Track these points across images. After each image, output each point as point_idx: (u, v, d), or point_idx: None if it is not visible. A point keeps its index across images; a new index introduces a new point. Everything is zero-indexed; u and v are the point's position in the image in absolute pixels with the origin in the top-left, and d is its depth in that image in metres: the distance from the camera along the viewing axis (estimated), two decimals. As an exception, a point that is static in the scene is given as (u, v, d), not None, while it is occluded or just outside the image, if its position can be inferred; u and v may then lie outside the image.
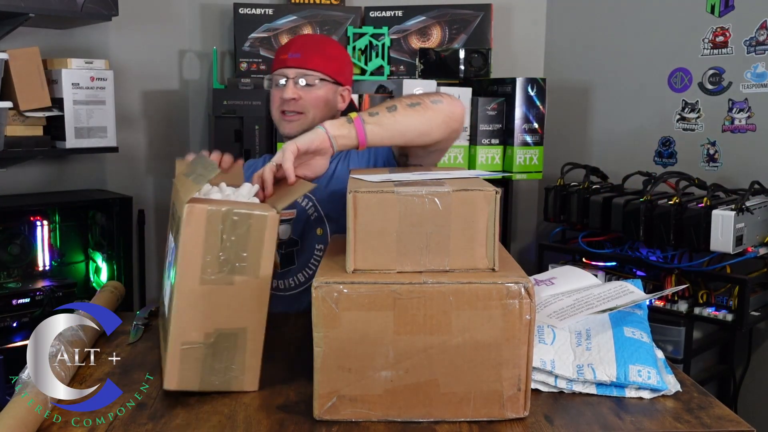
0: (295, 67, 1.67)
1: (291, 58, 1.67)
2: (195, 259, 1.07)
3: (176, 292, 1.08)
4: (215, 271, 1.08)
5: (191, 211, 1.07)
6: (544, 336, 1.16)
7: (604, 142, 3.02)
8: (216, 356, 1.10)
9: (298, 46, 1.70)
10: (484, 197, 1.03)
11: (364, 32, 2.95)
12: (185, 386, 1.10)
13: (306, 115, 1.67)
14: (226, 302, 1.09)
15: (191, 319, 1.09)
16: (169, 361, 1.09)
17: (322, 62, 1.68)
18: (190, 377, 1.10)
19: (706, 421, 1.04)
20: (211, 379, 1.11)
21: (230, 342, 1.11)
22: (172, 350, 1.09)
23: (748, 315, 2.29)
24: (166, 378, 1.09)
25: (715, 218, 2.24)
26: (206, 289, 1.08)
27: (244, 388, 1.13)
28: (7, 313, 2.32)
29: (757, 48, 2.53)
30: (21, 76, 2.29)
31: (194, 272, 1.08)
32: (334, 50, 1.74)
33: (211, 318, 1.09)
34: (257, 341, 1.12)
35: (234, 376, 1.12)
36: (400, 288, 1.01)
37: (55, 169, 2.72)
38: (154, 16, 2.91)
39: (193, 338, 1.09)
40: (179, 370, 1.09)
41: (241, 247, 1.09)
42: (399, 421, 1.03)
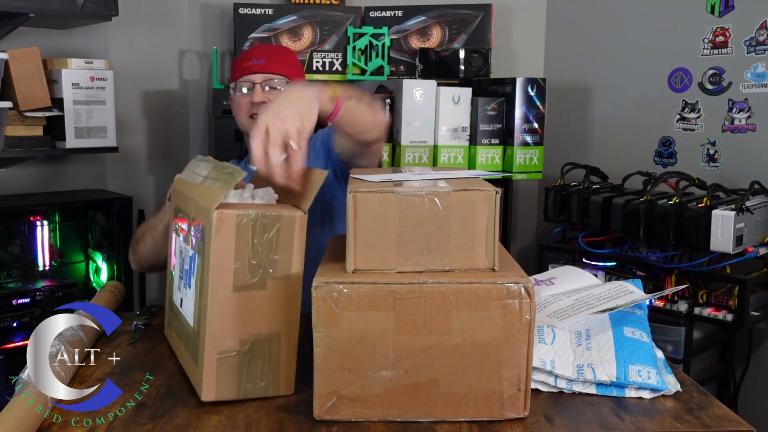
0: (261, 72, 1.74)
1: (256, 64, 1.75)
2: (227, 266, 1.06)
3: (210, 301, 1.06)
4: (247, 276, 1.07)
5: (221, 219, 1.05)
6: (544, 336, 1.16)
7: (604, 142, 3.02)
8: (252, 363, 1.09)
9: (260, 54, 1.78)
10: (484, 197, 1.03)
11: (364, 32, 2.95)
12: (223, 396, 1.08)
13: None
14: (258, 307, 1.08)
15: (226, 328, 1.07)
16: (206, 373, 1.07)
17: (285, 67, 1.77)
18: (228, 387, 1.09)
19: (706, 421, 1.04)
20: (248, 386, 1.10)
21: (265, 347, 1.10)
22: (208, 361, 1.07)
23: (748, 315, 2.29)
24: (204, 390, 1.08)
25: (715, 218, 2.24)
26: (239, 296, 1.07)
27: (281, 392, 1.12)
28: (7, 313, 2.32)
29: (757, 48, 2.53)
30: (21, 76, 2.29)
31: (227, 280, 1.06)
32: (291, 57, 1.84)
33: (245, 324, 1.08)
34: (291, 344, 1.12)
35: (270, 382, 1.11)
36: (400, 288, 1.01)
37: (55, 169, 2.72)
38: (154, 16, 2.91)
39: (229, 347, 1.07)
40: (216, 380, 1.08)
41: (272, 251, 1.08)
42: (399, 421, 1.03)
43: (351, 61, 2.95)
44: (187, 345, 1.18)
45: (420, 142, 2.70)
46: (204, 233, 1.09)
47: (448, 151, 2.73)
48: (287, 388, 1.12)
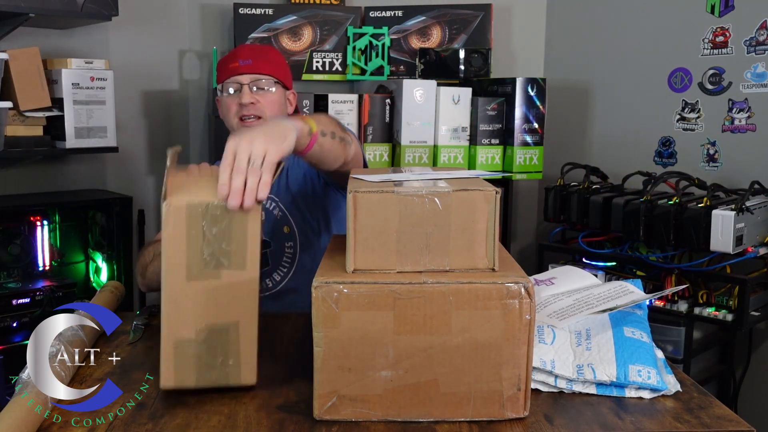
0: (248, 73, 1.72)
1: (243, 65, 1.72)
2: (179, 255, 1.07)
3: (164, 290, 1.08)
4: (201, 266, 1.08)
5: (170, 209, 1.07)
6: (544, 336, 1.16)
7: (604, 142, 3.02)
8: (210, 352, 1.10)
9: (246, 54, 1.75)
10: (484, 197, 1.03)
11: (364, 32, 2.95)
12: (182, 384, 1.10)
13: (264, 119, 1.71)
14: (214, 297, 1.09)
15: (182, 316, 1.08)
16: (164, 360, 1.09)
17: (272, 67, 1.75)
18: (186, 375, 1.10)
19: (706, 421, 1.04)
20: (208, 375, 1.10)
21: (223, 337, 1.10)
22: (165, 349, 1.08)
23: (748, 315, 2.29)
24: (162, 377, 1.09)
25: (715, 218, 2.24)
26: (194, 285, 1.08)
27: (242, 383, 1.12)
28: (7, 313, 2.32)
29: (757, 48, 2.53)
30: (21, 76, 2.29)
31: (180, 269, 1.07)
32: (278, 57, 1.82)
33: (201, 314, 1.09)
34: (251, 334, 1.11)
35: (231, 371, 1.11)
36: (400, 288, 1.01)
37: (55, 169, 2.72)
38: (154, 16, 2.91)
39: (185, 335, 1.08)
40: (174, 367, 1.09)
41: (224, 241, 1.09)
42: (399, 421, 1.03)
43: (351, 61, 2.95)
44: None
45: (420, 142, 2.70)
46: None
47: (448, 151, 2.73)
48: (249, 378, 1.12)
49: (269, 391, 1.14)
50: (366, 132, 2.69)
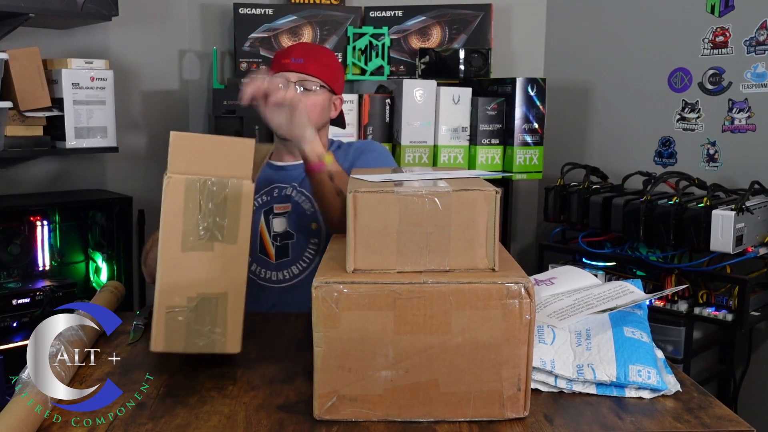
0: (297, 72, 1.73)
1: (294, 62, 1.73)
2: (176, 226, 1.14)
3: (160, 259, 1.15)
4: (195, 238, 1.15)
5: (170, 182, 1.14)
6: (544, 336, 1.16)
7: (604, 142, 3.02)
8: (199, 319, 1.16)
9: (299, 52, 1.76)
10: (484, 197, 1.03)
11: (364, 32, 2.95)
12: (171, 348, 1.16)
13: None
14: (206, 267, 1.16)
15: (175, 284, 1.15)
16: (155, 325, 1.15)
17: (322, 70, 1.75)
18: (176, 340, 1.16)
19: (706, 421, 1.04)
20: (196, 341, 1.16)
21: (212, 305, 1.16)
22: (157, 314, 1.15)
23: (748, 315, 2.29)
24: (153, 341, 1.16)
25: (715, 218, 2.24)
26: (188, 256, 1.15)
27: (227, 350, 1.18)
28: (7, 313, 2.31)
29: (757, 48, 2.53)
30: (21, 76, 2.29)
31: (176, 239, 1.14)
32: (331, 60, 1.82)
33: (193, 283, 1.15)
34: (238, 305, 1.18)
35: (217, 339, 1.17)
36: (400, 288, 1.01)
37: (55, 169, 2.72)
38: (154, 16, 2.91)
39: (177, 302, 1.15)
40: (165, 333, 1.15)
41: (219, 215, 1.16)
42: (399, 420, 1.03)
43: (351, 61, 2.95)
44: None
45: (420, 142, 2.70)
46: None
47: (448, 151, 2.73)
48: (234, 346, 1.18)
49: (269, 391, 1.14)
50: (366, 132, 2.69)
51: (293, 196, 1.76)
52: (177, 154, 1.17)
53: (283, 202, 1.75)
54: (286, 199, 1.76)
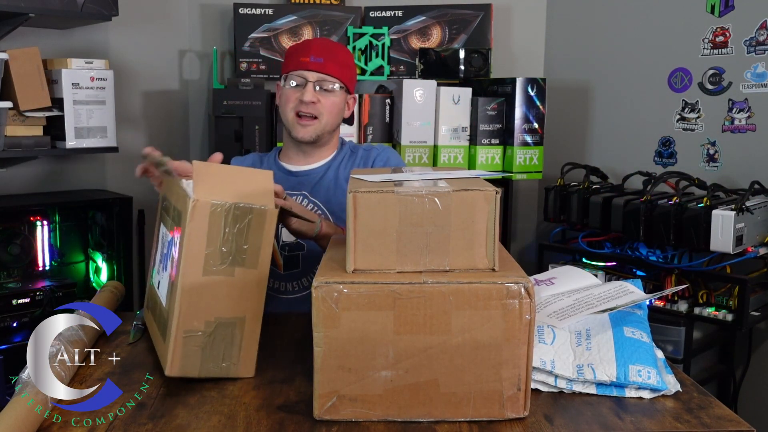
0: (316, 71, 1.69)
1: (313, 61, 1.69)
2: (199, 251, 1.13)
3: (180, 283, 1.13)
4: (217, 262, 1.14)
5: (195, 206, 1.12)
6: (544, 336, 1.16)
7: (604, 142, 3.02)
8: (215, 344, 1.16)
9: (319, 51, 1.71)
10: (484, 197, 1.03)
11: (364, 32, 2.95)
12: (186, 373, 1.15)
13: (320, 120, 1.70)
14: (226, 292, 1.15)
15: (194, 309, 1.14)
16: (172, 349, 1.13)
17: (341, 70, 1.72)
18: (191, 364, 1.15)
19: (706, 421, 1.04)
20: (210, 366, 1.16)
21: (228, 330, 1.16)
22: (174, 338, 1.13)
23: (748, 315, 2.29)
24: (168, 365, 1.14)
25: (715, 218, 2.24)
26: (208, 280, 1.14)
27: (241, 375, 1.18)
28: (7, 313, 2.31)
29: (757, 48, 2.53)
30: (21, 76, 2.29)
31: (197, 264, 1.13)
32: (349, 59, 1.79)
33: (212, 307, 1.15)
34: (254, 330, 1.18)
35: (232, 363, 1.17)
36: (400, 288, 1.01)
37: (55, 169, 2.72)
38: (154, 16, 2.91)
39: (195, 327, 1.14)
40: (181, 357, 1.14)
41: (242, 240, 1.15)
42: (399, 421, 1.03)
43: (351, 61, 2.95)
44: (159, 323, 1.25)
45: (420, 142, 2.70)
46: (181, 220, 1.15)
47: (448, 151, 2.73)
48: (248, 371, 1.19)
49: (269, 391, 1.14)
50: (366, 132, 2.69)
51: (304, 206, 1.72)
52: (201, 182, 1.15)
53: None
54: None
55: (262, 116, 2.67)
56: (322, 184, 1.74)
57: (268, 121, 2.69)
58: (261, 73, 2.91)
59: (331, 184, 1.73)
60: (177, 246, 1.17)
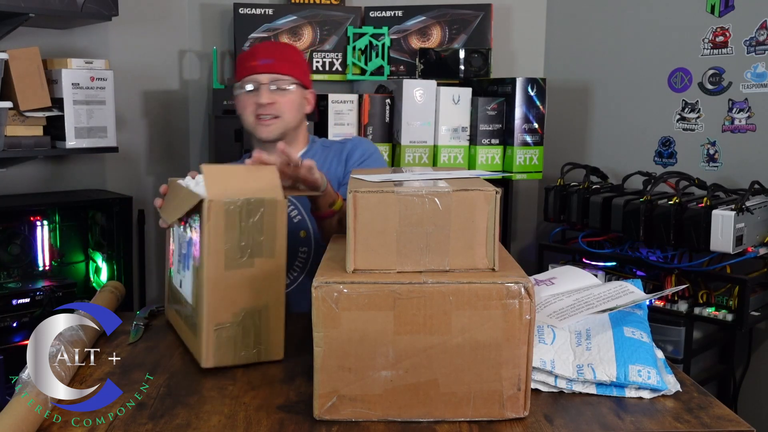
0: (267, 72, 1.71)
1: (263, 64, 1.71)
2: (219, 248, 1.20)
3: (205, 280, 1.20)
4: (237, 256, 1.21)
5: (211, 206, 1.18)
6: (544, 336, 1.16)
7: (604, 142, 3.02)
8: (245, 333, 1.23)
9: (267, 53, 1.74)
10: (484, 197, 1.03)
11: (364, 32, 2.95)
12: (221, 363, 1.22)
13: (282, 118, 1.72)
14: (249, 283, 1.22)
15: (220, 303, 1.21)
16: (205, 344, 1.21)
17: (292, 67, 1.74)
18: (225, 354, 1.22)
19: (706, 421, 1.04)
20: (242, 353, 1.23)
21: (255, 318, 1.23)
22: (206, 333, 1.20)
23: (748, 315, 2.29)
24: (203, 358, 1.21)
25: (715, 218, 2.24)
26: (231, 274, 1.21)
27: (272, 358, 1.25)
28: (7, 313, 2.31)
29: (757, 48, 2.53)
30: (21, 76, 2.29)
31: (219, 260, 1.20)
32: (298, 56, 1.81)
33: (237, 299, 1.22)
34: (279, 315, 1.25)
35: (263, 348, 1.24)
36: (400, 288, 1.01)
37: (55, 169, 2.71)
38: (154, 16, 2.91)
39: (224, 319, 1.21)
40: (214, 349, 1.21)
41: (257, 232, 1.22)
42: (399, 421, 1.03)
43: (351, 61, 2.95)
44: (187, 321, 1.31)
45: (420, 142, 2.70)
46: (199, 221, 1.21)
47: (448, 151, 2.73)
48: (278, 353, 1.26)
49: (269, 391, 1.14)
50: (366, 132, 2.69)
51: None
52: (211, 183, 1.21)
53: None
54: None
55: (262, 116, 2.67)
56: None
57: (268, 121, 2.69)
58: (261, 73, 2.91)
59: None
60: (197, 245, 1.23)
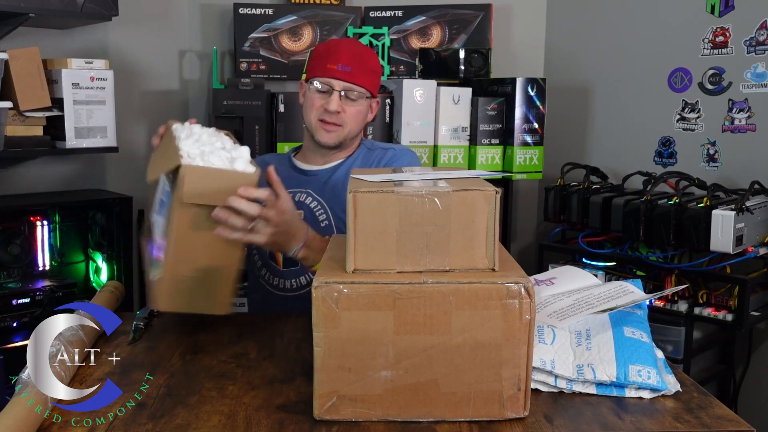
0: (343, 80, 1.67)
1: (341, 70, 1.67)
2: (188, 210, 1.29)
3: (171, 235, 1.30)
4: (203, 219, 1.30)
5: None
6: (544, 336, 1.16)
7: (604, 142, 3.02)
8: (199, 286, 1.34)
9: (348, 59, 1.68)
10: (484, 197, 1.03)
11: (364, 32, 2.95)
12: (170, 308, 1.36)
13: (344, 127, 1.70)
14: (209, 245, 1.32)
15: (183, 258, 1.32)
16: (163, 287, 1.33)
17: (368, 78, 1.70)
18: (175, 301, 1.34)
19: (706, 421, 1.04)
20: (192, 304, 1.35)
21: (210, 276, 1.34)
22: (167, 281, 1.32)
23: (748, 315, 2.29)
24: (156, 300, 1.33)
25: (715, 218, 2.24)
26: (195, 234, 1.31)
27: (219, 312, 1.38)
28: (7, 313, 2.31)
29: (757, 48, 2.53)
30: (21, 76, 2.29)
31: (188, 220, 1.30)
32: (376, 65, 1.76)
33: (198, 257, 1.33)
34: (231, 276, 1.37)
35: (211, 304, 1.36)
36: (400, 288, 1.01)
37: (55, 169, 2.71)
38: (154, 16, 2.91)
39: (183, 273, 1.33)
40: (167, 295, 1.33)
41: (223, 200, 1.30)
42: (399, 421, 1.03)
43: (351, 61, 2.95)
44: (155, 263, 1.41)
45: (420, 142, 2.70)
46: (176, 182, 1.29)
47: (448, 151, 2.73)
48: (223, 308, 1.38)
49: (269, 391, 1.14)
50: (366, 132, 2.69)
51: (307, 203, 1.71)
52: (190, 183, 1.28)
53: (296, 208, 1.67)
54: (299, 206, 1.69)
55: (262, 116, 2.67)
56: (329, 183, 1.73)
57: (268, 121, 2.69)
58: (261, 73, 2.91)
59: (338, 183, 1.72)
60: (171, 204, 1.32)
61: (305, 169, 1.78)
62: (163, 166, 1.37)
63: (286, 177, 1.75)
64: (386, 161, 1.74)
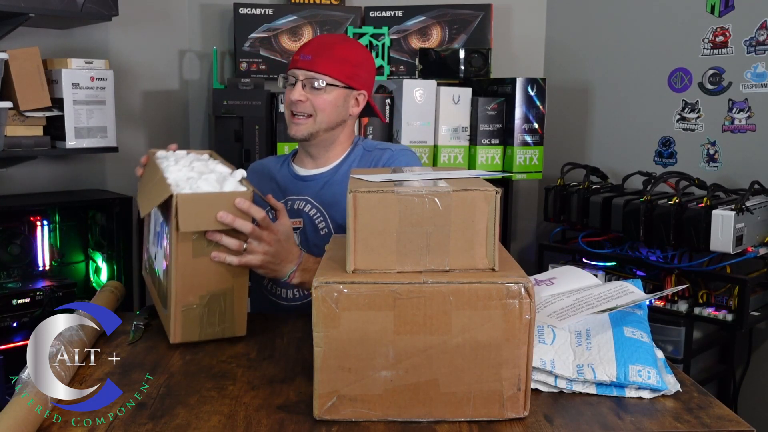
0: (303, 69, 1.64)
1: (302, 59, 1.65)
2: (187, 237, 1.29)
3: (174, 266, 1.29)
4: (204, 245, 1.31)
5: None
6: (544, 336, 1.16)
7: (604, 142, 3.02)
8: (210, 313, 1.34)
9: (310, 48, 1.66)
10: (484, 197, 1.03)
11: (364, 32, 2.95)
12: (187, 339, 1.33)
13: (314, 117, 1.66)
14: (214, 269, 1.32)
15: (188, 287, 1.31)
16: (173, 322, 1.31)
17: (332, 66, 1.64)
18: (191, 331, 1.33)
19: (706, 421, 1.04)
20: (208, 331, 1.34)
21: (220, 300, 1.34)
22: (174, 313, 1.31)
23: (748, 315, 2.29)
24: (172, 335, 1.32)
25: (715, 218, 2.24)
26: (198, 261, 1.31)
27: (235, 334, 1.37)
28: (7, 313, 2.31)
29: (757, 48, 2.53)
30: (21, 76, 2.29)
31: (187, 249, 1.30)
32: (349, 53, 1.68)
33: (203, 283, 1.32)
34: (242, 296, 1.36)
35: (226, 327, 1.36)
36: (400, 288, 1.01)
37: (55, 169, 2.71)
38: (154, 16, 2.91)
39: (191, 301, 1.32)
40: (181, 328, 1.32)
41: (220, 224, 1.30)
42: (399, 421, 1.03)
43: (351, 61, 2.95)
44: (159, 292, 1.43)
45: (420, 142, 2.70)
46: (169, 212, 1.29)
47: (448, 151, 2.74)
48: (240, 330, 1.37)
49: (269, 391, 1.14)
50: (366, 132, 2.69)
51: (306, 211, 1.68)
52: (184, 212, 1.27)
53: (295, 216, 1.67)
54: (298, 214, 1.67)
55: (262, 116, 2.67)
56: (326, 188, 1.70)
57: (268, 121, 2.69)
58: (261, 73, 2.91)
59: (335, 188, 1.69)
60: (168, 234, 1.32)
61: (302, 174, 1.75)
62: (154, 199, 1.35)
63: (284, 182, 1.75)
64: (384, 163, 1.70)
